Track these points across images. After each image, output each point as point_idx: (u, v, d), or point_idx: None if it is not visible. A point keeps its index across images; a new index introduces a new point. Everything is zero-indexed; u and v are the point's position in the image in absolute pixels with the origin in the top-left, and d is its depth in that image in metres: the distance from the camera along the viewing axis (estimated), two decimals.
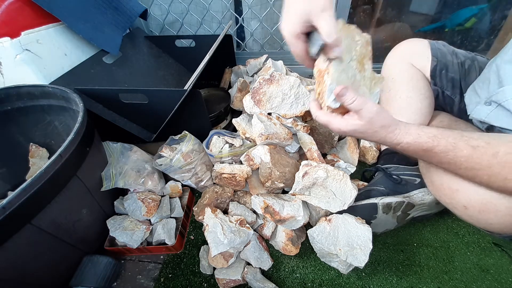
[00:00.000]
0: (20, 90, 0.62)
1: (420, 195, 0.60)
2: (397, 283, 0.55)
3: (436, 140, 0.39)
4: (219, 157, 0.67)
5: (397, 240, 0.62)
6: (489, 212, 0.43)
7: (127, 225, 0.61)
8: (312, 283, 0.56)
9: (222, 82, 1.04)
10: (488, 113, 0.49)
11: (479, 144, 0.38)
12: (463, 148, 0.38)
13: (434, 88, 0.65)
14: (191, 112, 0.69)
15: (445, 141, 0.39)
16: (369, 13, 1.08)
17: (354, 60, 0.41)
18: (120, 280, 0.60)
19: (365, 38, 0.42)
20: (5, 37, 0.57)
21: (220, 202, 0.66)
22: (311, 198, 0.56)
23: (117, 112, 0.69)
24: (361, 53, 0.41)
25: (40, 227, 0.45)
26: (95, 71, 0.75)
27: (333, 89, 0.39)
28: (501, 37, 1.08)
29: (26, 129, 0.68)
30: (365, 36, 0.42)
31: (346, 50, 0.39)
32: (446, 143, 0.39)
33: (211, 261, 0.57)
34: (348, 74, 0.40)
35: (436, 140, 0.39)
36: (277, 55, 1.20)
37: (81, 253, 0.57)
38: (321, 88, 0.41)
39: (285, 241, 0.58)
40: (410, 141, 0.40)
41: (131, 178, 0.63)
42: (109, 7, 0.80)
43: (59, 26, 0.70)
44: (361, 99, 0.38)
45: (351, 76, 0.40)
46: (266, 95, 0.67)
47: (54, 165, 0.44)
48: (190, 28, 1.20)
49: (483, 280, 0.55)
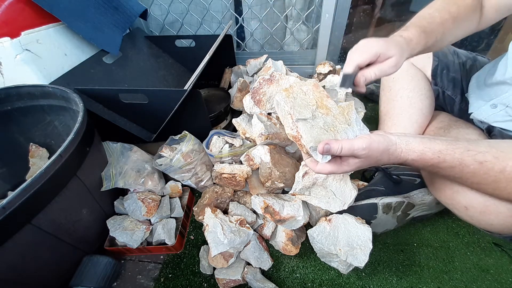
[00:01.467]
0: (20, 90, 0.62)
1: (420, 195, 0.60)
2: (397, 283, 0.55)
3: (442, 156, 0.38)
4: (219, 157, 0.67)
5: (397, 240, 0.62)
6: (490, 214, 0.43)
7: (127, 225, 0.61)
8: (312, 283, 0.56)
9: (222, 82, 1.04)
10: (491, 114, 0.50)
11: (486, 159, 0.37)
12: (469, 163, 0.37)
13: (435, 88, 0.65)
14: (191, 112, 0.69)
15: (450, 157, 0.38)
16: (369, 13, 1.08)
17: (315, 109, 0.40)
18: (120, 280, 0.60)
19: (311, 83, 0.42)
20: (5, 37, 0.57)
21: (220, 202, 0.66)
22: (311, 198, 0.56)
23: (117, 112, 0.69)
24: (316, 98, 0.41)
25: (40, 227, 0.45)
26: (95, 71, 0.75)
27: (315, 149, 0.38)
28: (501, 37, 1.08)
29: (26, 129, 0.68)
30: (310, 81, 0.43)
31: (302, 106, 0.40)
32: (452, 159, 0.38)
33: (211, 261, 0.57)
34: (319, 125, 0.40)
35: (442, 156, 0.38)
36: (277, 55, 1.20)
37: (81, 253, 0.57)
38: (305, 149, 0.40)
39: (285, 241, 0.58)
40: (415, 157, 0.39)
41: (131, 178, 0.63)
42: (109, 7, 0.80)
43: (59, 26, 0.70)
44: (347, 143, 0.37)
45: (324, 125, 0.40)
46: (266, 95, 0.67)
47: (54, 165, 0.44)
48: (190, 28, 1.20)
49: (483, 280, 0.54)
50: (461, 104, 0.63)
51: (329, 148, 0.36)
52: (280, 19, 1.10)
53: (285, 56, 1.20)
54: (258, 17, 1.11)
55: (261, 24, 1.13)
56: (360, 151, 0.37)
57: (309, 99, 0.41)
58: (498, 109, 0.49)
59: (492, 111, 0.50)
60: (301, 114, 0.39)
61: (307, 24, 1.12)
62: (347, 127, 0.41)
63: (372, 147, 0.37)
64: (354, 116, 0.42)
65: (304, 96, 0.41)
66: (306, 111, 0.39)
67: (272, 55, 1.01)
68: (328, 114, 0.41)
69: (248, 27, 1.16)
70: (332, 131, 0.40)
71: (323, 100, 0.42)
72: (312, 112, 0.40)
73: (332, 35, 1.07)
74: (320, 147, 0.36)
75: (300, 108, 0.40)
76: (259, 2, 1.09)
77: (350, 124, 0.42)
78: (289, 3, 1.08)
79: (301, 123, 0.38)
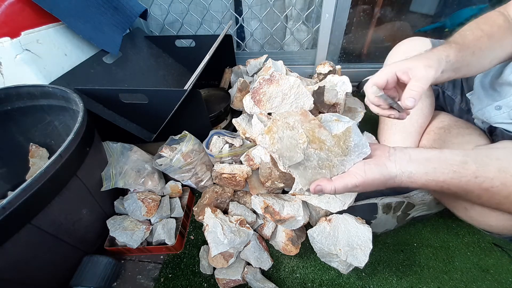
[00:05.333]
0: (20, 90, 0.62)
1: (420, 195, 0.60)
2: (397, 283, 0.55)
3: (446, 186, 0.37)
4: (219, 157, 0.67)
5: (397, 240, 0.62)
6: (490, 215, 0.43)
7: (127, 225, 0.61)
8: (312, 283, 0.56)
9: (222, 82, 1.04)
10: (494, 116, 0.49)
11: (493, 185, 0.35)
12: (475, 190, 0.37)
13: (435, 88, 0.65)
14: (191, 112, 0.69)
15: (455, 187, 0.36)
16: (369, 13, 1.08)
17: (307, 147, 0.35)
18: (120, 280, 0.60)
19: (298, 113, 0.36)
20: (5, 37, 0.57)
21: (220, 202, 0.66)
22: (311, 198, 0.56)
23: (117, 112, 0.68)
24: (306, 132, 0.35)
25: (40, 227, 0.45)
26: (95, 71, 0.75)
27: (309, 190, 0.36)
28: None
29: (26, 129, 0.68)
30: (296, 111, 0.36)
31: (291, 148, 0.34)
32: (457, 188, 0.37)
33: (211, 261, 0.57)
34: (313, 164, 0.35)
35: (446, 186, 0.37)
36: (277, 55, 1.20)
37: (81, 253, 0.57)
38: None
39: (285, 241, 0.58)
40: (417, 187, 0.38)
41: (131, 178, 0.63)
42: (109, 7, 0.80)
43: (59, 26, 0.70)
44: (340, 182, 0.34)
45: (318, 162, 0.35)
46: (266, 95, 0.67)
47: (54, 165, 0.44)
48: (190, 28, 1.20)
49: (483, 280, 0.54)
50: (461, 104, 0.63)
51: (321, 188, 0.34)
52: (280, 19, 1.10)
53: (285, 56, 1.20)
54: (258, 17, 1.11)
55: (261, 24, 1.13)
56: (354, 188, 0.35)
57: (298, 134, 0.35)
58: (502, 111, 0.48)
59: (495, 112, 0.50)
60: (291, 160, 0.34)
61: (307, 24, 1.12)
62: (344, 159, 0.36)
63: (366, 183, 0.35)
64: (352, 143, 0.36)
65: (291, 132, 0.35)
66: (297, 154, 0.34)
67: (272, 55, 1.01)
68: (322, 148, 0.35)
69: (248, 27, 1.16)
70: (327, 168, 0.36)
71: (314, 132, 0.35)
72: (303, 151, 0.34)
73: (332, 35, 1.07)
74: (312, 188, 0.34)
75: (290, 152, 0.34)
76: (259, 2, 1.09)
77: (346, 154, 0.36)
78: (289, 3, 1.08)
79: (294, 168, 0.34)
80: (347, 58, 1.17)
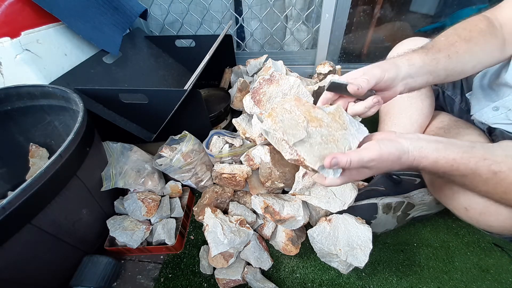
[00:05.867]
0: (20, 90, 0.62)
1: (420, 195, 0.60)
2: (397, 283, 0.55)
3: (456, 165, 0.37)
4: (219, 157, 0.67)
5: (397, 240, 0.62)
6: (490, 215, 0.43)
7: (127, 225, 0.61)
8: (312, 283, 0.56)
9: (222, 82, 1.04)
10: (492, 117, 0.49)
11: (501, 170, 0.36)
12: (483, 173, 0.37)
13: (435, 88, 0.65)
14: (191, 112, 0.69)
15: (464, 166, 0.37)
16: (369, 13, 1.08)
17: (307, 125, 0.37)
18: (120, 280, 0.60)
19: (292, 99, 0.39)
20: (5, 37, 0.57)
21: (220, 202, 0.66)
22: (311, 198, 0.56)
23: (117, 112, 0.69)
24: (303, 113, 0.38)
25: (40, 227, 0.45)
26: (95, 71, 0.75)
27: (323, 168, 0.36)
28: None
29: (26, 129, 0.68)
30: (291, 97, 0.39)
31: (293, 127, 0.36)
32: (466, 168, 0.37)
33: (211, 261, 0.57)
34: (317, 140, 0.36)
35: (456, 165, 0.37)
36: (277, 55, 1.20)
37: (81, 253, 0.57)
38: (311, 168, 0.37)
39: (285, 241, 0.58)
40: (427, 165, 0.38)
41: (131, 178, 0.63)
42: (109, 7, 0.80)
43: (59, 26, 0.70)
44: (355, 155, 0.35)
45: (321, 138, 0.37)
46: (266, 95, 0.67)
47: (54, 165, 0.44)
48: (190, 28, 1.20)
49: (483, 280, 0.54)
50: (461, 104, 0.63)
51: (337, 161, 0.34)
52: (280, 19, 1.10)
53: (285, 56, 1.20)
54: (258, 17, 1.11)
55: (261, 24, 1.13)
56: (370, 163, 0.35)
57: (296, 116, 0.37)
58: (500, 112, 0.48)
59: (493, 113, 0.50)
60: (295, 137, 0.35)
61: (307, 24, 1.12)
62: (344, 132, 0.38)
63: (382, 158, 0.35)
64: (347, 118, 0.39)
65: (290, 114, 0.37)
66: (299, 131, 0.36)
67: (272, 55, 1.01)
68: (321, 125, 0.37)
69: (248, 27, 1.16)
70: (332, 142, 0.37)
71: (310, 112, 0.38)
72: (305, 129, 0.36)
73: (332, 35, 1.07)
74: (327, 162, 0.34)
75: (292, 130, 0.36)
76: (259, 2, 1.09)
77: (346, 128, 0.39)
78: (289, 3, 1.08)
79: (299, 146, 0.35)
80: (347, 58, 1.17)
